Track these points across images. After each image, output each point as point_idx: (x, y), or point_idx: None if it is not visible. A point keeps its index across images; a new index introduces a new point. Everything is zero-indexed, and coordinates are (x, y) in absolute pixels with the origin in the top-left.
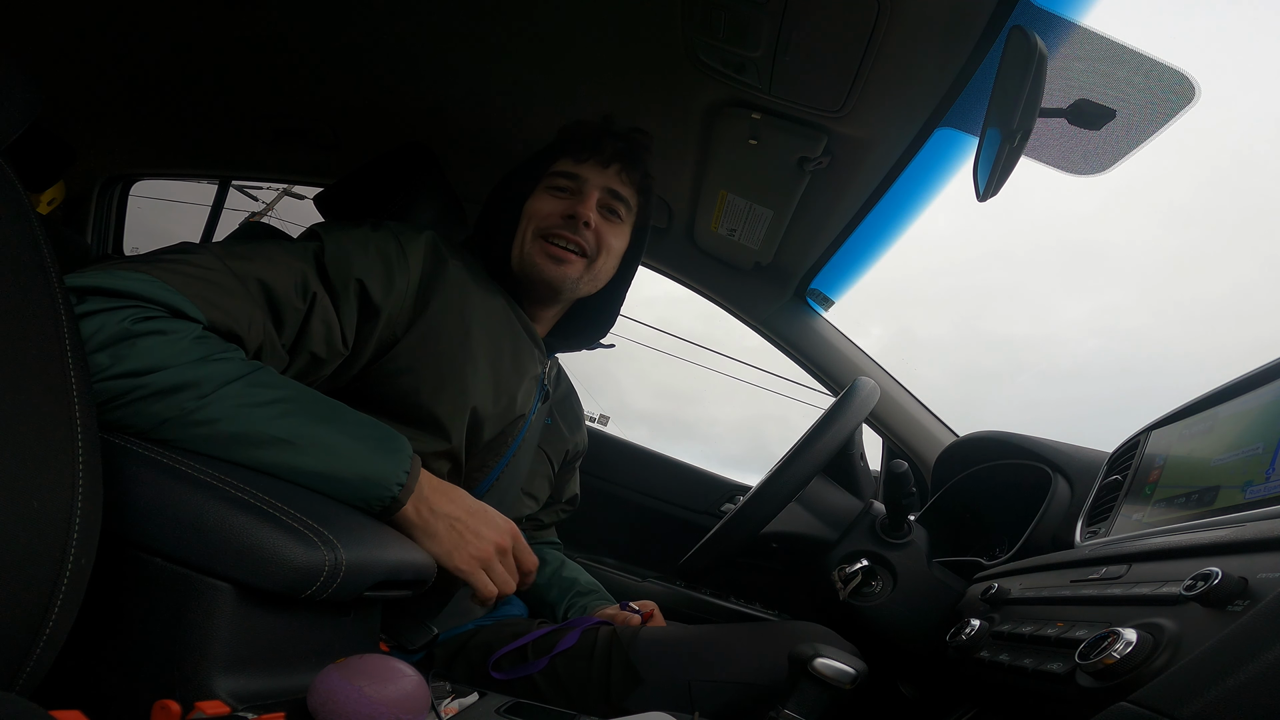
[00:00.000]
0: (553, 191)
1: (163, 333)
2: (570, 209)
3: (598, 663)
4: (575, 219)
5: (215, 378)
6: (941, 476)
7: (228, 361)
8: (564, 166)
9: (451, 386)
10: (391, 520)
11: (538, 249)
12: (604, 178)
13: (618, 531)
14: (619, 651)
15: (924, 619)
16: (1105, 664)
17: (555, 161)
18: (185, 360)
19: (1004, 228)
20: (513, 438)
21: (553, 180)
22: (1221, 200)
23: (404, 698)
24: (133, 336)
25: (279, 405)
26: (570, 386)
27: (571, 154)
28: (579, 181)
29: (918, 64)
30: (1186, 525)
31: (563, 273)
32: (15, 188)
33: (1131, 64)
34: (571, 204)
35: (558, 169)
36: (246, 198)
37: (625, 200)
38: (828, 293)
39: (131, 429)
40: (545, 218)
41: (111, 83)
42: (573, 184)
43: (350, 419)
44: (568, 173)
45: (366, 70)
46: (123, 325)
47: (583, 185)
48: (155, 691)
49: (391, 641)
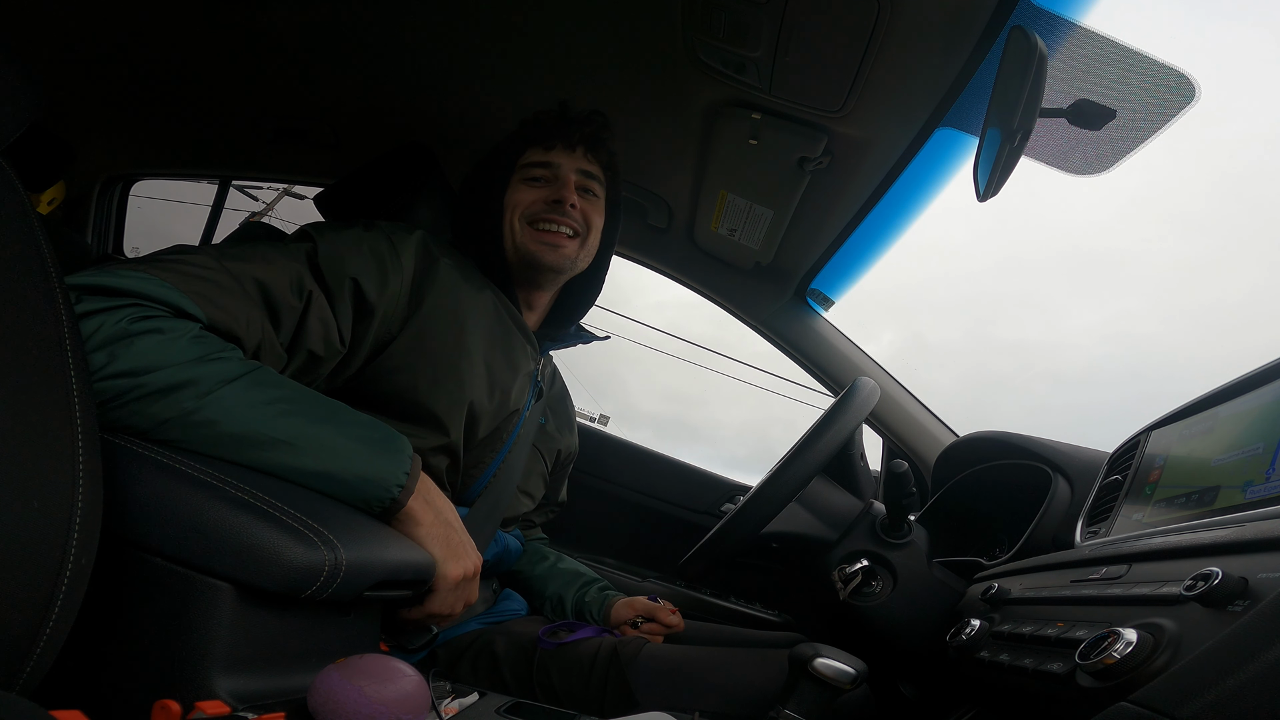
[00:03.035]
0: (529, 182)
1: (160, 331)
2: (554, 194)
3: (594, 681)
4: (560, 203)
5: (213, 376)
6: (941, 476)
7: (226, 361)
8: (534, 157)
9: (448, 382)
10: (393, 520)
11: (530, 236)
12: (575, 160)
13: (618, 531)
14: (616, 671)
15: (924, 619)
16: (1105, 664)
17: (523, 154)
18: (183, 360)
19: (1019, 236)
20: (508, 433)
21: (526, 171)
22: (1234, 206)
23: (404, 698)
24: (130, 336)
25: (279, 405)
26: (564, 389)
27: (538, 143)
28: (553, 168)
29: (918, 64)
30: (1187, 525)
31: (561, 255)
32: (15, 188)
33: (1132, 64)
34: (553, 190)
35: (528, 160)
36: (246, 198)
37: (597, 178)
38: (828, 293)
39: (132, 429)
40: (530, 205)
41: (111, 83)
42: (547, 171)
43: (350, 419)
44: (539, 162)
45: (366, 70)
46: (120, 325)
47: (558, 170)
48: (155, 691)
49: (391, 641)
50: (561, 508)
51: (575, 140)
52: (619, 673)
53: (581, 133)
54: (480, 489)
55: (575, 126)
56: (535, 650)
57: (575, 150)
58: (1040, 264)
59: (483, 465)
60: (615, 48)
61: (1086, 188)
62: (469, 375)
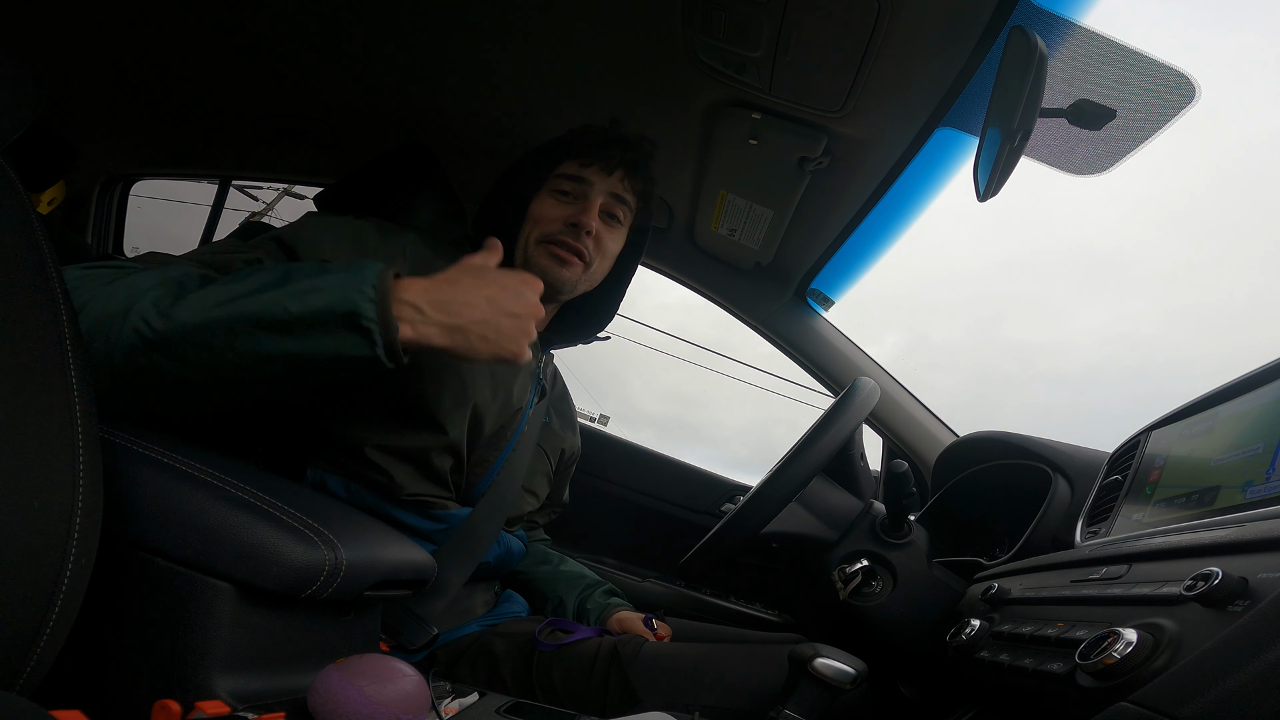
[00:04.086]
0: (556, 195)
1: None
2: (574, 216)
3: (596, 679)
4: (579, 227)
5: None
6: (941, 476)
7: (145, 272)
8: (569, 169)
9: (451, 383)
10: (403, 360)
11: (541, 251)
12: (608, 183)
13: (618, 531)
14: (618, 670)
15: (924, 619)
16: (1105, 664)
17: (560, 163)
18: (100, 285)
19: (1024, 237)
20: (512, 432)
21: (557, 183)
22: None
23: (404, 698)
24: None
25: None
26: (564, 389)
27: (577, 156)
28: (584, 186)
29: (918, 64)
30: (1187, 525)
31: (564, 275)
32: (15, 188)
33: (1132, 64)
34: (575, 210)
35: (563, 171)
36: (246, 198)
37: (626, 203)
38: (828, 293)
39: (120, 376)
40: (550, 223)
41: (111, 83)
42: (577, 188)
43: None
44: (573, 175)
45: (366, 70)
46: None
47: (587, 190)
48: (155, 691)
49: (391, 641)
50: (564, 509)
51: (615, 163)
52: (620, 671)
53: (624, 156)
54: (484, 488)
55: (619, 148)
56: (534, 651)
57: (613, 173)
58: (1044, 265)
59: (487, 464)
60: (615, 47)
61: (1091, 190)
62: (470, 375)
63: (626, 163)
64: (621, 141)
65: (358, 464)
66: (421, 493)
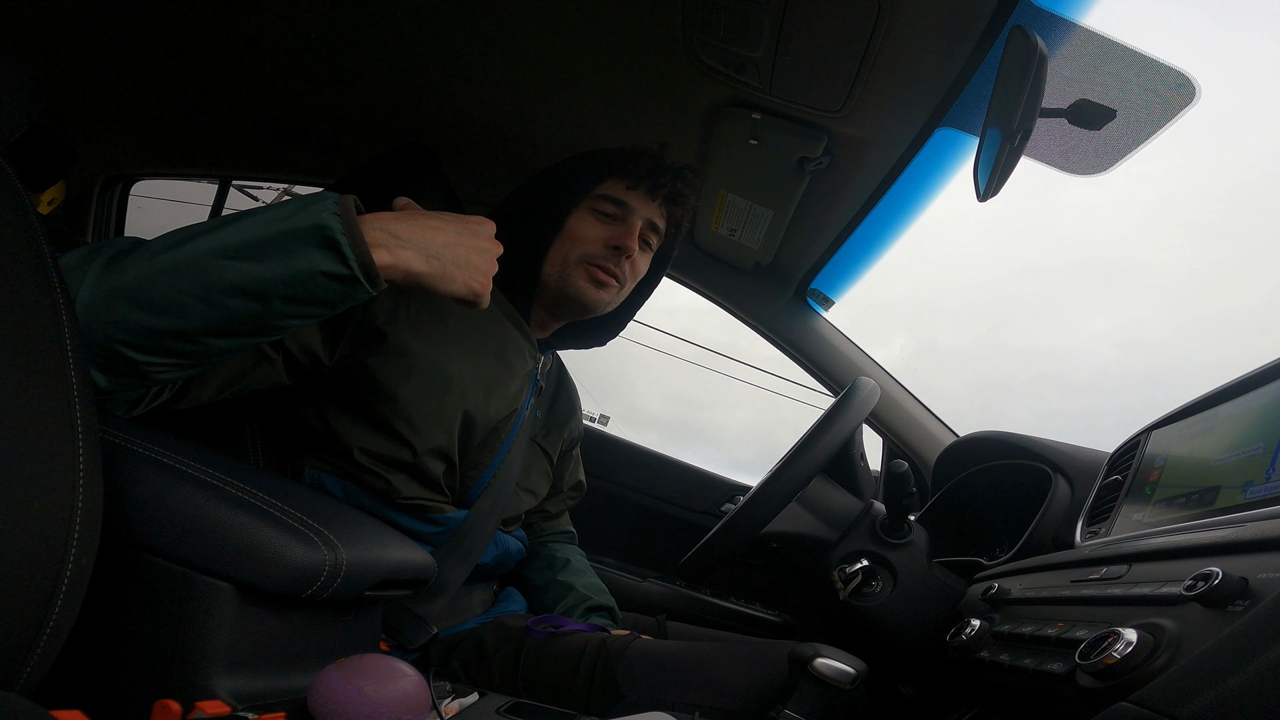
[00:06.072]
0: (597, 215)
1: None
2: (617, 239)
3: (581, 674)
4: (620, 251)
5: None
6: (941, 476)
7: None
8: (613, 191)
9: (440, 388)
10: (378, 284)
11: (581, 272)
12: (649, 210)
13: (618, 531)
14: (604, 665)
15: (924, 619)
16: (1105, 664)
17: (602, 182)
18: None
19: (1034, 244)
20: (506, 434)
21: (598, 203)
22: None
23: (404, 698)
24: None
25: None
26: (564, 374)
27: (624, 178)
28: (625, 209)
29: (918, 64)
30: (1187, 525)
31: (600, 297)
32: (15, 188)
33: (1132, 64)
34: (618, 233)
35: (604, 191)
36: (246, 198)
37: (659, 231)
38: (828, 293)
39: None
40: (590, 244)
41: (111, 83)
42: (619, 210)
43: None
44: (615, 198)
45: (366, 70)
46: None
47: (629, 214)
48: (155, 691)
49: (391, 641)
50: (580, 492)
51: (660, 191)
52: (606, 667)
53: (671, 186)
54: (480, 490)
55: (665, 177)
56: (524, 644)
57: (655, 200)
58: (1054, 272)
59: (481, 467)
60: (615, 47)
61: (1101, 197)
62: (460, 380)
63: (671, 193)
64: (670, 170)
65: (351, 466)
66: (417, 496)
